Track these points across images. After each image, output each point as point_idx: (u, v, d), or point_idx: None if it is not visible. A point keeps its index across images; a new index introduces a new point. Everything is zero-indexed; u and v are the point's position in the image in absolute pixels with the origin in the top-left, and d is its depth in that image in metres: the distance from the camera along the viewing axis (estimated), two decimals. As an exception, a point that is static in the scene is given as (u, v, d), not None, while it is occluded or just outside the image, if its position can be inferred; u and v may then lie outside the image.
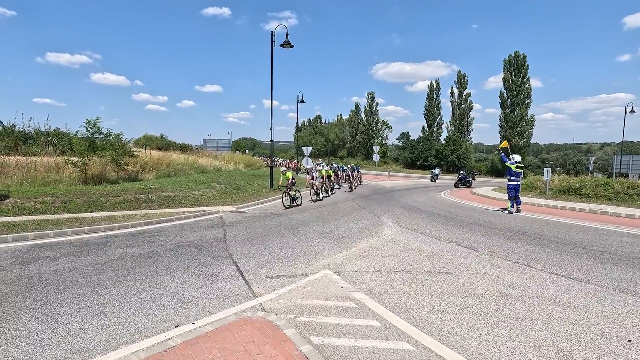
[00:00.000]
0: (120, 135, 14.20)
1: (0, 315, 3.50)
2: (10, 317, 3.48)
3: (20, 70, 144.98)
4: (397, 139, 74.08)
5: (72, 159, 12.55)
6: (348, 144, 74.23)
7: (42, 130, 16.82)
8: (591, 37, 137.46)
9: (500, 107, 52.07)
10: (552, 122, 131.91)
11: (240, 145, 73.98)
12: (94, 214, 8.61)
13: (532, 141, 54.27)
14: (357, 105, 73.68)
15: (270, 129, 17.42)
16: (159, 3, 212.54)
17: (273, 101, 17.65)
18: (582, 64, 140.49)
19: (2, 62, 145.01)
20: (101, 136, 13.44)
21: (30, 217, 7.69)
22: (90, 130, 13.00)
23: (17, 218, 7.57)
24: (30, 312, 3.61)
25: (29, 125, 16.62)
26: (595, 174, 23.28)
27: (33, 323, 3.37)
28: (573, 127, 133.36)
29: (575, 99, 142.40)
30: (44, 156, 13.97)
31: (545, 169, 15.90)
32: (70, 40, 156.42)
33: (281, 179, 12.66)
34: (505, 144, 13.67)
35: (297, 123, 43.80)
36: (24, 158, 12.81)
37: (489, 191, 19.39)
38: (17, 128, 16.02)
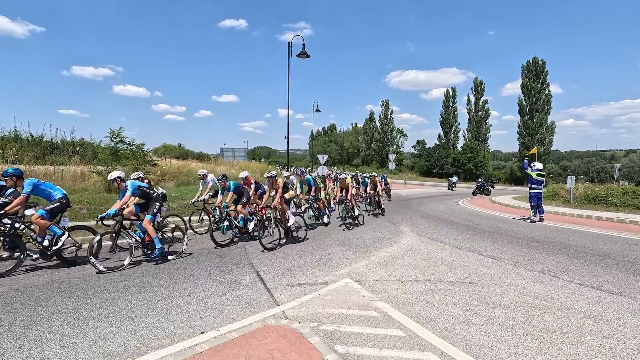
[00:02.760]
0: (143, 145, 14.62)
1: (35, 319, 3.64)
2: (44, 320, 3.61)
3: (48, 83, 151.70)
4: (412, 147, 73.61)
5: (97, 167, 12.98)
6: (363, 152, 74.16)
7: (68, 140, 17.50)
8: (613, 41, 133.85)
9: (519, 113, 51.15)
10: (573, 129, 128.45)
11: (256, 154, 75.01)
12: (118, 222, 8.84)
13: (552, 148, 52.94)
14: (371, 114, 73.82)
15: (286, 138, 17.62)
16: (178, 17, 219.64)
17: (289, 110, 17.88)
18: (604, 69, 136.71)
19: (31, 76, 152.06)
20: (124, 145, 13.88)
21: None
22: (114, 140, 13.45)
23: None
24: (63, 316, 3.73)
25: (55, 136, 17.31)
26: (621, 182, 22.42)
27: (65, 327, 3.48)
28: (595, 133, 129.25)
29: (597, 105, 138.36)
30: (70, 165, 14.51)
31: (569, 177, 15.46)
32: (94, 53, 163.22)
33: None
34: (534, 150, 13.42)
35: (312, 132, 44.26)
36: (52, 167, 13.33)
37: (509, 199, 18.95)
38: (44, 138, 16.73)
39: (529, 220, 11.18)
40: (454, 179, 34.18)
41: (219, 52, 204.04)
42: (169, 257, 6.19)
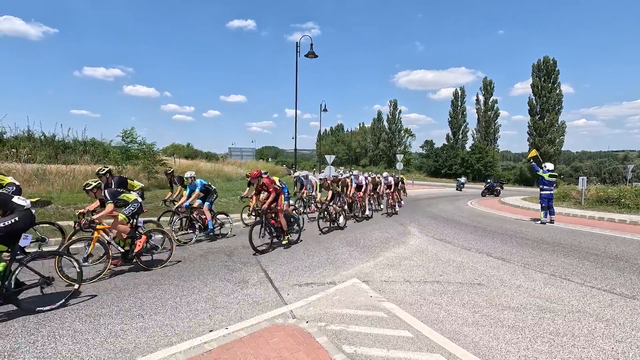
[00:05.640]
0: (153, 145, 14.81)
1: (48, 315, 3.71)
2: (56, 316, 3.68)
3: (60, 84, 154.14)
4: (420, 147, 73.25)
5: (108, 166, 13.18)
6: (370, 152, 73.97)
7: (80, 140, 17.79)
8: (626, 40, 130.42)
9: (529, 113, 50.54)
10: (584, 129, 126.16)
11: (263, 154, 75.33)
12: (128, 220, 8.97)
13: (563, 149, 52.24)
14: (379, 114, 73.59)
15: (294, 138, 17.65)
16: (187, 18, 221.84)
17: (297, 110, 17.90)
18: (617, 68, 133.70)
19: (44, 77, 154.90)
20: (135, 145, 14.07)
21: (70, 222, 8.09)
22: (126, 140, 13.64)
23: (59, 223, 7.98)
24: (75, 312, 3.80)
25: (67, 135, 17.61)
26: (634, 183, 21.98)
27: (77, 323, 3.54)
28: (608, 134, 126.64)
29: (609, 105, 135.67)
30: (81, 164, 14.75)
31: (581, 178, 15.20)
32: (105, 54, 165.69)
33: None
34: (534, 152, 13.05)
35: (320, 132, 44.40)
36: (64, 166, 13.56)
37: (518, 201, 18.73)
38: (57, 138, 17.02)
39: (539, 222, 11.04)
40: (463, 179, 33.92)
41: (228, 52, 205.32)
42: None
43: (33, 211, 3.94)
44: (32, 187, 11.39)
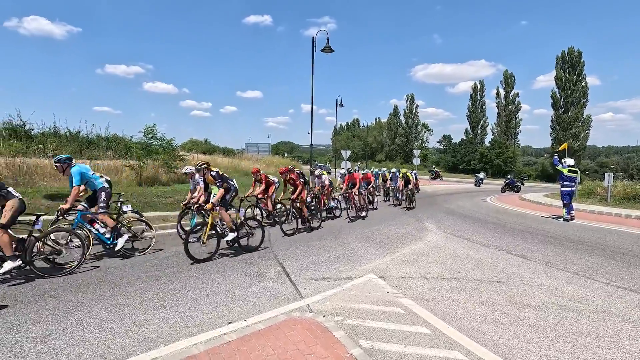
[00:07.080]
0: (172, 141, 15.13)
1: (76, 304, 3.88)
2: (84, 306, 3.84)
3: (83, 81, 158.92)
4: (437, 142, 72.14)
5: (130, 162, 13.57)
6: (387, 147, 73.26)
7: (103, 136, 18.36)
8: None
9: (552, 107, 48.77)
10: (611, 123, 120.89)
11: (279, 149, 75.77)
12: (148, 214, 9.22)
13: (588, 144, 50.28)
14: (395, 108, 72.69)
15: (310, 133, 17.67)
16: (205, 15, 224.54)
17: (313, 106, 17.88)
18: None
19: (68, 75, 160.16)
20: (156, 141, 14.42)
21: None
22: (147, 136, 13.99)
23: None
24: (101, 302, 3.95)
25: (91, 132, 18.20)
26: (665, 180, 21.01)
27: (104, 312, 3.69)
28: (636, 127, 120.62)
29: (638, 97, 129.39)
30: (104, 159, 15.23)
31: (607, 174, 14.62)
32: (126, 52, 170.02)
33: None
34: (565, 146, 12.74)
35: (335, 127, 44.34)
36: (88, 161, 14.03)
37: (540, 197, 18.21)
38: (81, 134, 17.62)
39: (561, 219, 10.71)
40: (482, 175, 33.22)
41: (244, 48, 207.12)
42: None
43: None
44: (58, 181, 11.85)
